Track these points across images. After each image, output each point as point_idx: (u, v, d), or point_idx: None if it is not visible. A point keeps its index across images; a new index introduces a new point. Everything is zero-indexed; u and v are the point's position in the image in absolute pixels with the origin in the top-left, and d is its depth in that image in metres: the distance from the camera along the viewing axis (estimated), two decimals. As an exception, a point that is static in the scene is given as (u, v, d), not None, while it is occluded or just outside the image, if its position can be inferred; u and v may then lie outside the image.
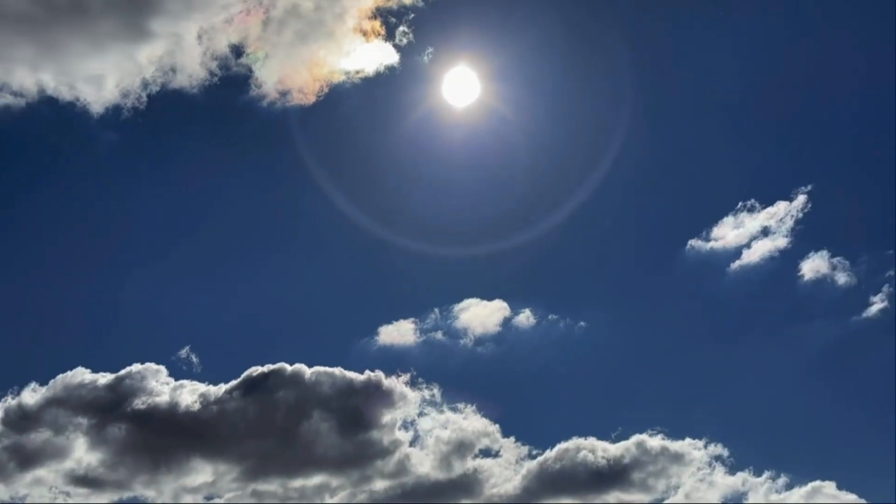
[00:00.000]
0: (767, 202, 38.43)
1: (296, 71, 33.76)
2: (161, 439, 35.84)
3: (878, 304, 37.84)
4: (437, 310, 40.95)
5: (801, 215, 37.92)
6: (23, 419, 35.99)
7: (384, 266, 42.02)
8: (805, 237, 38.97)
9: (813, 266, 38.66)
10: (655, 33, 37.11)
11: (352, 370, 37.04)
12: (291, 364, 37.08)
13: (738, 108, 41.54)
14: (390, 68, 33.14)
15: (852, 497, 34.38)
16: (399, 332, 40.02)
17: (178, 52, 32.88)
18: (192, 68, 33.19)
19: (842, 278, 38.82)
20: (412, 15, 34.41)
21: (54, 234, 40.56)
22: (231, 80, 34.87)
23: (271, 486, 38.04)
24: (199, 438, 36.36)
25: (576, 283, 44.01)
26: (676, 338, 44.81)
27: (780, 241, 38.32)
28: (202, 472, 37.72)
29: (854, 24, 39.16)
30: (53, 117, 35.25)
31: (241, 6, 30.83)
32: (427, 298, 43.69)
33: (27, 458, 35.86)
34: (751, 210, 39.26)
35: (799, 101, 40.90)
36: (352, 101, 35.34)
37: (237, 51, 33.19)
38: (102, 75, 34.62)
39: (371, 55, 34.82)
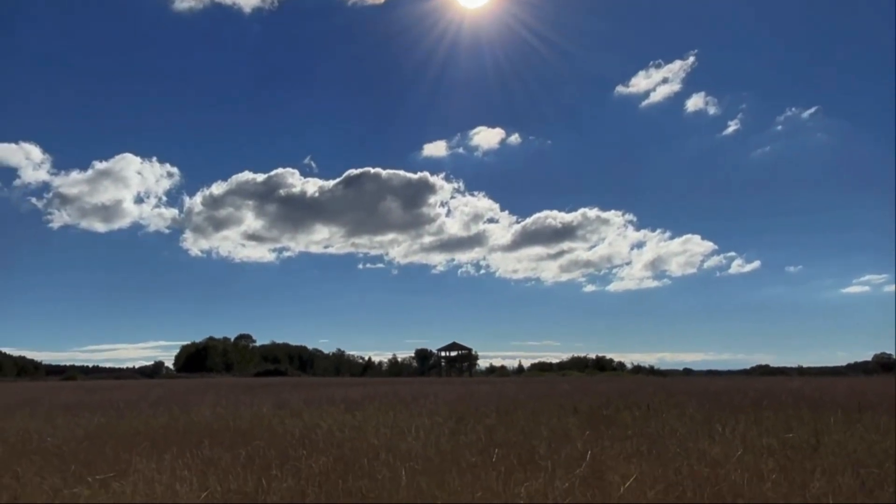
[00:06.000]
0: (668, 61, 52.64)
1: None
2: (296, 213, 51.79)
3: (733, 126, 52.78)
4: (459, 133, 58.33)
5: (690, 69, 50.64)
6: (214, 202, 51.89)
7: (426, 109, 57.49)
8: (690, 84, 52.58)
9: (694, 102, 53.24)
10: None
11: (409, 171, 54.10)
12: (373, 168, 52.87)
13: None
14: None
15: (710, 243, 50.36)
16: (437, 148, 57.58)
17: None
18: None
19: (712, 110, 52.81)
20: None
21: (222, 74, 58.99)
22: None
23: (362, 240, 56.26)
24: (319, 212, 52.18)
25: (546, 117, 59.66)
26: (608, 148, 60.83)
27: (675, 87, 51.57)
28: (321, 232, 56.13)
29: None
30: (221, 15, 50.72)
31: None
32: (453, 126, 58.29)
33: (217, 224, 52.33)
34: (657, 67, 52.59)
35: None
36: (404, 1, 46.89)
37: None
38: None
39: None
